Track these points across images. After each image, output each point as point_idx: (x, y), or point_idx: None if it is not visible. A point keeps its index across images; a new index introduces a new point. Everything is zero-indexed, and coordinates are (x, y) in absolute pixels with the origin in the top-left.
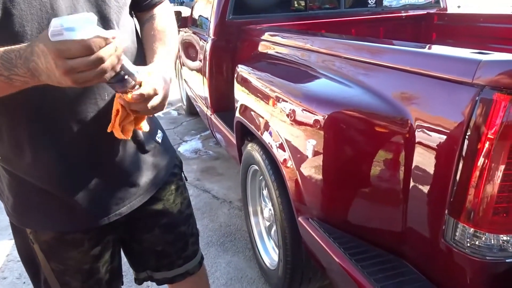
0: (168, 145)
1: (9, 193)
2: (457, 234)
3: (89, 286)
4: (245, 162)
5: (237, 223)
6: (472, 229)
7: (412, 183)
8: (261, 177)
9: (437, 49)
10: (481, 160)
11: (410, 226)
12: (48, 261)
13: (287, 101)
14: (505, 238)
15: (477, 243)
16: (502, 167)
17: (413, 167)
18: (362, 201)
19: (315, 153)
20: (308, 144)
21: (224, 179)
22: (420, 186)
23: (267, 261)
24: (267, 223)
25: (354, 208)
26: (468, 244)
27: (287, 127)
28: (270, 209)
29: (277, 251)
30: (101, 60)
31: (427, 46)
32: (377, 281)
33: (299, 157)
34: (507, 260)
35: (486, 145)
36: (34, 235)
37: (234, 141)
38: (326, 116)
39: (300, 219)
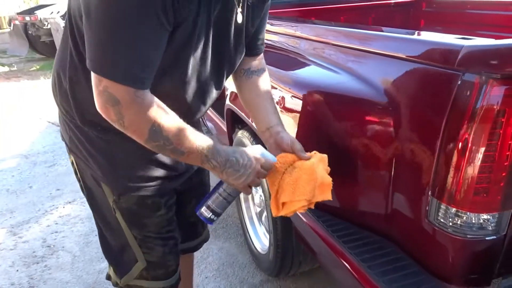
0: None
1: (103, 160)
2: (440, 214)
3: (169, 250)
4: None
5: (228, 210)
6: (454, 209)
7: (397, 167)
8: None
9: (422, 35)
10: (462, 142)
11: (396, 208)
12: (130, 228)
13: (276, 88)
14: (485, 217)
15: (459, 222)
16: (482, 149)
17: (398, 150)
18: (349, 185)
19: (304, 139)
20: (297, 129)
21: None
22: (404, 169)
23: (258, 246)
24: (258, 209)
25: (342, 192)
26: (451, 224)
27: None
28: (260, 195)
29: (267, 236)
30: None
31: (413, 33)
32: (364, 261)
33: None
34: (487, 238)
35: (467, 127)
36: (116, 203)
37: (225, 129)
38: (314, 101)
39: None
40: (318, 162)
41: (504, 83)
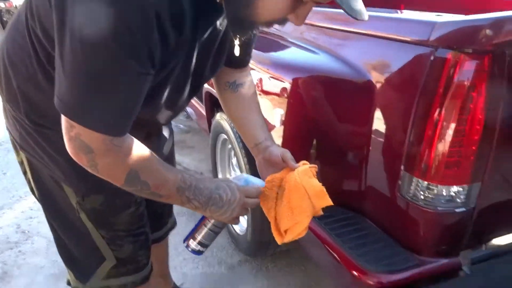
0: None
1: (63, 160)
2: (411, 188)
3: (140, 245)
4: (214, 132)
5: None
6: (425, 182)
7: (372, 143)
8: (230, 145)
9: (396, 13)
10: (434, 117)
11: (370, 185)
12: (97, 229)
13: (255, 69)
14: (455, 189)
15: (430, 195)
16: (453, 124)
17: (373, 127)
18: (326, 162)
19: (281, 119)
20: (276, 110)
21: (195, 152)
22: (379, 145)
23: (236, 227)
24: None
25: (318, 169)
26: (422, 197)
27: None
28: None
29: (245, 217)
30: (258, 203)
31: (387, 11)
32: (339, 236)
33: (266, 122)
34: (456, 210)
35: (439, 102)
36: (80, 204)
37: (204, 113)
38: (293, 80)
39: None
40: (302, 175)
41: (475, 58)
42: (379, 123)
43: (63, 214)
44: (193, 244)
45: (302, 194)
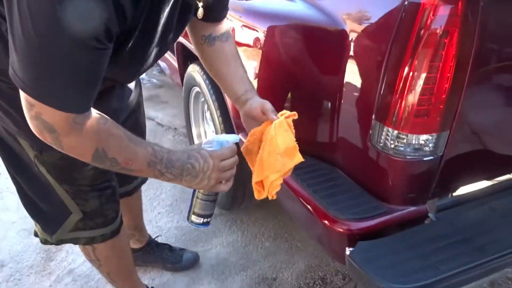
0: None
1: (17, 114)
2: (382, 137)
3: (106, 199)
4: (187, 85)
5: (182, 148)
6: (396, 131)
7: (344, 93)
8: (203, 98)
9: None
10: (406, 65)
11: (342, 136)
12: (59, 183)
13: (227, 18)
14: (424, 138)
15: (399, 144)
16: (425, 71)
17: (345, 77)
18: (299, 113)
19: (255, 71)
20: (249, 62)
21: (169, 107)
22: (351, 96)
23: None
24: None
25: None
26: (392, 146)
27: None
28: (213, 131)
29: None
30: (237, 160)
31: None
32: (310, 186)
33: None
34: (425, 159)
35: (411, 49)
36: (39, 158)
37: (177, 66)
38: (267, 29)
39: (240, 136)
40: (278, 128)
41: (449, 2)
42: (351, 73)
43: (25, 169)
44: (195, 218)
45: (273, 149)
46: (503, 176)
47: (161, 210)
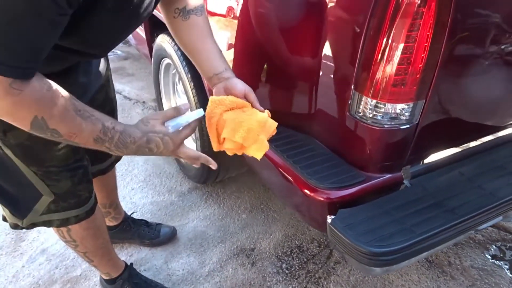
0: None
1: None
2: (361, 107)
3: (79, 180)
4: (156, 56)
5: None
6: (374, 100)
7: (323, 65)
8: (174, 70)
9: None
10: (384, 35)
11: (320, 106)
12: (27, 165)
13: None
14: (401, 106)
15: (378, 113)
16: (402, 42)
17: (324, 48)
18: (277, 85)
19: (228, 42)
20: (222, 33)
21: (135, 80)
22: (330, 67)
23: None
24: None
25: (269, 92)
26: (370, 115)
27: None
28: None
29: (193, 144)
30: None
31: None
32: (290, 157)
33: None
34: (401, 127)
35: (389, 19)
36: (3, 140)
37: (144, 36)
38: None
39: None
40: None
41: None
42: (330, 44)
43: None
44: None
45: (260, 131)
46: (469, 143)
47: (135, 186)
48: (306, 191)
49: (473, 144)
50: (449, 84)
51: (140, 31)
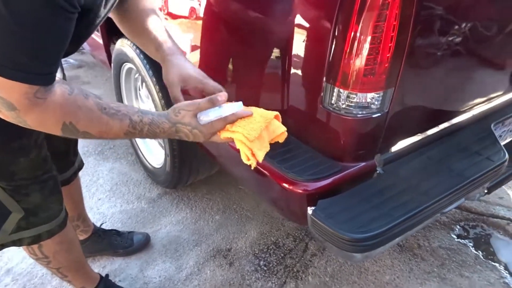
0: None
1: None
2: (333, 98)
3: (49, 191)
4: (116, 62)
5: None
6: (346, 91)
7: (293, 60)
8: (137, 75)
9: None
10: (353, 26)
11: (293, 102)
12: None
13: None
14: (372, 96)
15: (350, 103)
16: (370, 33)
17: (294, 43)
18: (246, 82)
19: (192, 43)
20: (186, 35)
21: (92, 88)
22: (300, 62)
23: (151, 161)
24: None
25: (239, 91)
26: (343, 106)
27: (160, 14)
28: (149, 108)
29: (160, 149)
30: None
31: None
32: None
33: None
34: (373, 116)
35: (357, 10)
36: None
37: (101, 42)
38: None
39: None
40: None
41: None
42: (300, 39)
43: None
44: None
45: (259, 117)
46: (433, 128)
47: (101, 196)
48: (284, 184)
49: (436, 129)
50: (415, 73)
51: (96, 36)
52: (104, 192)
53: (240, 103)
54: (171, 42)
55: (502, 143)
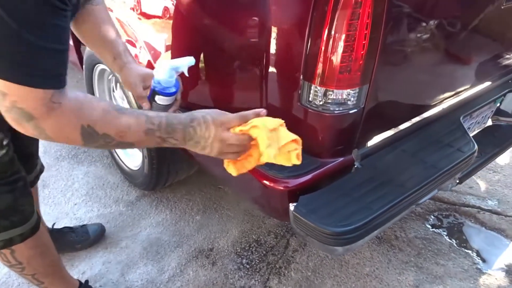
0: None
1: None
2: (311, 95)
3: (20, 193)
4: (88, 63)
5: None
6: (323, 88)
7: (270, 60)
8: (111, 76)
9: None
10: (327, 25)
11: (271, 100)
12: None
13: None
14: (348, 92)
15: (327, 100)
16: (344, 31)
17: (271, 43)
18: (225, 84)
19: (165, 41)
20: (160, 35)
21: None
22: (277, 61)
23: (128, 163)
24: None
25: (217, 91)
26: (321, 103)
27: (133, 14)
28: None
29: (137, 151)
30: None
31: None
32: None
33: (153, 47)
34: (350, 112)
35: (331, 10)
36: None
37: (71, 43)
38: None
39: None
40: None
41: None
42: (276, 38)
43: None
44: None
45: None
46: (406, 122)
47: (77, 201)
48: (265, 182)
49: (409, 123)
50: (388, 69)
51: None
52: (80, 196)
53: (192, 58)
54: (128, 53)
55: (471, 135)
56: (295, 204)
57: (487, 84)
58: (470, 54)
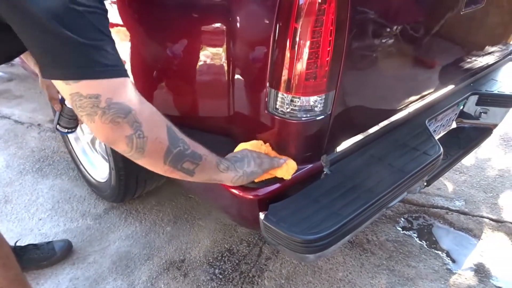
0: None
1: None
2: (277, 103)
3: None
4: None
5: (52, 145)
6: (289, 96)
7: (236, 69)
8: None
9: None
10: (291, 33)
11: (238, 109)
12: None
13: None
14: (314, 99)
15: (294, 107)
16: (309, 37)
17: (234, 53)
18: (190, 91)
19: (141, 50)
20: (123, 40)
21: (25, 102)
22: (242, 70)
23: (95, 175)
24: (90, 137)
25: (185, 101)
26: (288, 110)
27: None
28: None
29: (104, 162)
30: None
31: None
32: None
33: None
34: (317, 118)
35: (295, 17)
36: None
37: None
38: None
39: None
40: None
41: None
42: (240, 49)
43: None
44: (61, 128)
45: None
46: (374, 127)
47: (42, 216)
48: (234, 191)
49: (376, 128)
50: (354, 74)
51: None
52: (45, 211)
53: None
54: None
55: (437, 137)
56: (265, 212)
57: (450, 87)
58: (434, 58)
